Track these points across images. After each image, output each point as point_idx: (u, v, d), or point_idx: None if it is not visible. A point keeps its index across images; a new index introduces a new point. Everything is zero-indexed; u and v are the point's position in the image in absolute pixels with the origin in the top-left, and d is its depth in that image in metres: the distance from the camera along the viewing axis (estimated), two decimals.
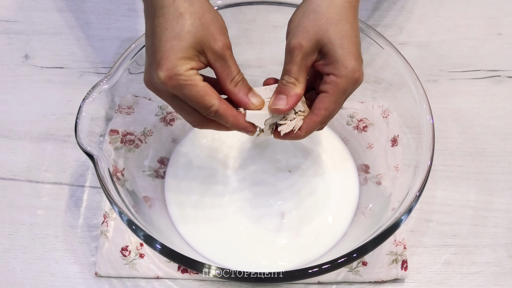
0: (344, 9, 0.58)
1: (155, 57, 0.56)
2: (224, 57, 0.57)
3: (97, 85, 0.65)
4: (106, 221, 0.72)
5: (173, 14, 0.56)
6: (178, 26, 0.56)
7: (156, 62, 0.56)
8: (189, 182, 0.74)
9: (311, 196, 0.73)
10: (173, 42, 0.55)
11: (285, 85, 0.59)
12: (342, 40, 0.57)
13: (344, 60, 0.57)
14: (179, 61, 0.55)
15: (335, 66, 0.57)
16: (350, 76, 0.57)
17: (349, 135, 0.77)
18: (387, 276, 0.68)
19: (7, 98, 0.83)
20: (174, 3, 0.56)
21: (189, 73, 0.56)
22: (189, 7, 0.56)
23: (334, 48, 0.57)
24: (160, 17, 0.56)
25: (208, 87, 0.57)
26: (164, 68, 0.55)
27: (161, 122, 0.76)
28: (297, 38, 0.58)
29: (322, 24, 0.57)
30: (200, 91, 0.56)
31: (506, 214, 0.74)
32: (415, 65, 0.73)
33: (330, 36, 0.57)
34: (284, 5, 0.72)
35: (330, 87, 0.58)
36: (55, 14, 0.90)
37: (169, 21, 0.56)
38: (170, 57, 0.55)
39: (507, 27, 0.89)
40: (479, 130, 0.80)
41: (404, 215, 0.60)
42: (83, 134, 0.63)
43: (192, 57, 0.56)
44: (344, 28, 0.57)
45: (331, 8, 0.57)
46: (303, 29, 0.57)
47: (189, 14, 0.56)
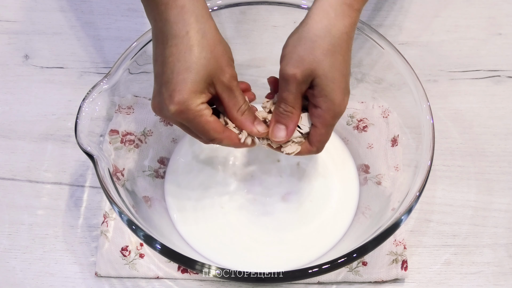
0: (340, 41, 0.58)
1: (166, 88, 0.57)
2: (231, 88, 0.59)
3: (97, 85, 0.65)
4: (106, 221, 0.72)
5: (186, 46, 0.56)
6: (191, 58, 0.56)
7: (168, 93, 0.57)
8: (189, 182, 0.74)
9: (311, 196, 0.73)
10: (185, 74, 0.56)
11: (283, 114, 0.61)
12: (334, 74, 0.58)
13: (333, 95, 0.59)
14: (190, 95, 0.57)
15: (324, 100, 0.59)
16: (337, 110, 0.60)
17: (349, 135, 0.77)
18: (387, 276, 0.68)
19: (7, 98, 0.83)
20: (188, 35, 0.57)
21: (199, 108, 0.58)
22: (201, 40, 0.57)
23: (326, 82, 0.58)
24: (173, 47, 0.57)
25: (214, 122, 0.59)
26: (176, 101, 0.57)
27: (161, 122, 0.76)
28: (292, 67, 0.58)
29: (318, 55, 0.57)
30: (207, 126, 0.59)
31: (506, 214, 0.74)
32: (415, 65, 0.73)
33: (324, 68, 0.58)
34: (284, 5, 0.72)
35: (318, 122, 0.61)
36: (55, 14, 0.90)
37: (182, 53, 0.56)
38: (182, 90, 0.56)
39: (507, 27, 0.89)
40: (479, 130, 0.80)
41: (404, 215, 0.60)
42: (83, 134, 0.63)
43: (202, 90, 0.58)
44: (337, 60, 0.58)
45: (328, 38, 0.58)
46: (298, 58, 0.58)
47: (201, 47, 0.57)
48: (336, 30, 0.58)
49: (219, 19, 0.72)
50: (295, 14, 0.73)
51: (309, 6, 0.71)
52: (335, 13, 0.58)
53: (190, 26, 0.57)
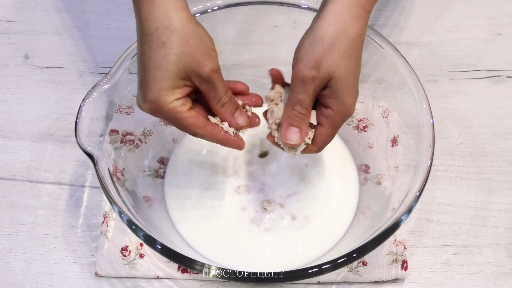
0: (355, 43, 0.58)
1: (141, 86, 0.58)
2: (210, 80, 0.58)
3: (97, 85, 0.65)
4: (106, 221, 0.72)
5: (156, 43, 0.56)
6: (160, 55, 0.56)
7: (142, 91, 0.58)
8: (189, 182, 0.74)
9: (311, 196, 0.73)
10: (156, 72, 0.56)
11: (297, 117, 0.59)
12: (348, 76, 0.58)
13: (345, 97, 0.58)
14: (161, 93, 0.57)
15: (335, 102, 0.59)
16: (347, 112, 0.59)
17: (349, 135, 0.77)
18: (387, 276, 0.68)
19: (7, 98, 0.83)
20: (157, 31, 0.56)
21: (172, 106, 0.57)
22: (171, 35, 0.56)
23: (340, 84, 0.58)
24: (145, 44, 0.57)
25: (192, 117, 0.59)
26: (148, 100, 0.57)
27: (161, 122, 0.76)
28: (311, 70, 0.57)
29: (335, 57, 0.57)
30: (184, 121, 0.58)
31: (506, 214, 0.74)
32: (415, 65, 0.74)
33: (341, 71, 0.57)
34: (284, 5, 0.72)
35: (326, 122, 0.60)
36: (55, 14, 0.90)
37: (152, 50, 0.56)
38: (153, 89, 0.56)
39: (507, 27, 0.89)
40: (479, 130, 0.80)
41: (404, 215, 0.60)
42: (83, 134, 0.63)
43: (176, 86, 0.57)
44: (352, 63, 0.58)
45: (345, 40, 0.57)
46: (317, 59, 0.57)
47: (171, 42, 0.56)
48: (351, 32, 0.57)
49: (219, 19, 0.72)
50: (295, 14, 0.73)
51: (309, 6, 0.71)
52: (349, 15, 0.57)
53: (159, 22, 0.56)
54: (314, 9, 0.71)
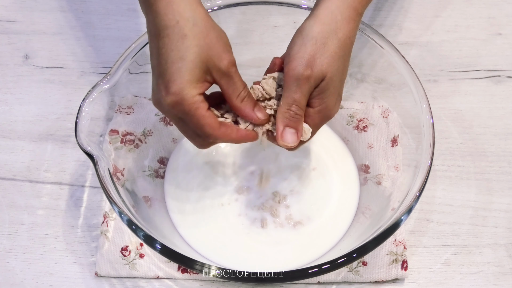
0: (345, 45, 0.58)
1: (162, 79, 0.57)
2: (229, 74, 0.58)
3: (97, 85, 0.65)
4: (106, 221, 0.72)
5: (178, 35, 0.56)
6: (183, 47, 0.56)
7: (164, 84, 0.56)
8: (189, 182, 0.74)
9: (311, 196, 0.73)
10: (179, 64, 0.56)
11: (294, 118, 0.59)
12: (336, 78, 0.58)
13: (329, 98, 0.59)
14: (186, 85, 0.56)
15: (319, 102, 0.59)
16: (328, 114, 0.60)
17: (349, 135, 0.77)
18: (387, 276, 0.68)
19: (7, 98, 0.83)
20: (178, 24, 0.56)
21: (195, 100, 0.57)
22: (193, 27, 0.56)
23: (328, 85, 0.58)
24: (165, 37, 0.56)
25: (210, 117, 0.58)
26: (172, 92, 0.56)
27: (161, 122, 0.76)
28: (306, 69, 0.57)
29: (328, 57, 0.57)
30: (202, 120, 0.57)
31: (506, 214, 0.74)
32: (415, 65, 0.74)
33: (332, 72, 0.58)
34: (284, 5, 0.72)
35: (307, 120, 0.60)
36: (55, 14, 0.90)
37: (174, 42, 0.56)
38: (177, 80, 0.56)
39: (507, 27, 0.89)
40: (479, 130, 0.80)
41: (404, 215, 0.60)
42: (83, 134, 0.63)
43: (198, 78, 0.57)
44: (342, 65, 0.58)
45: (336, 41, 0.57)
46: (311, 58, 0.57)
47: (193, 34, 0.56)
48: (342, 34, 0.58)
49: (219, 19, 0.72)
50: (295, 14, 0.73)
51: (309, 6, 0.71)
52: (341, 16, 0.58)
53: (179, 15, 0.56)
54: None
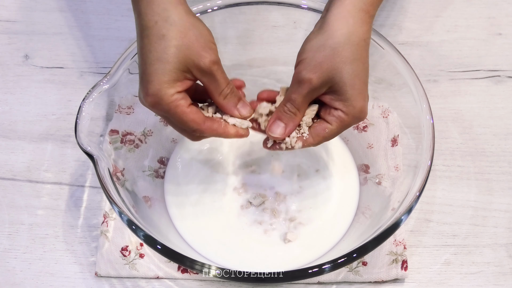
0: (360, 48, 0.58)
1: (142, 80, 0.58)
2: (211, 72, 0.58)
3: (97, 85, 0.65)
4: (106, 221, 0.72)
5: (156, 36, 0.56)
6: (161, 48, 0.56)
7: (143, 84, 0.57)
8: (189, 181, 0.74)
9: (311, 196, 0.73)
10: (156, 65, 0.56)
11: (286, 113, 0.61)
12: (354, 80, 0.58)
13: (354, 100, 0.59)
14: (162, 85, 0.57)
15: (345, 105, 0.59)
16: (357, 116, 0.60)
17: (349, 135, 0.77)
18: (387, 276, 0.68)
19: (7, 98, 0.83)
20: (157, 24, 0.56)
21: (173, 98, 0.57)
22: (170, 28, 0.56)
23: (345, 88, 0.58)
24: (145, 38, 0.57)
25: (192, 113, 0.59)
26: (150, 93, 0.57)
27: (161, 122, 0.76)
28: (309, 72, 0.58)
29: (337, 62, 0.57)
30: (184, 116, 0.58)
31: (506, 214, 0.74)
32: (415, 65, 0.74)
33: (343, 76, 0.58)
34: (284, 5, 0.72)
35: (335, 121, 0.60)
36: (55, 14, 0.90)
37: (152, 43, 0.57)
38: (154, 81, 0.56)
39: (507, 27, 0.89)
40: (479, 130, 0.80)
41: (404, 215, 0.60)
42: (83, 134, 0.63)
43: (177, 78, 0.57)
44: (358, 68, 0.58)
45: (348, 46, 0.58)
46: (317, 64, 0.58)
47: (171, 35, 0.56)
48: (355, 37, 0.58)
49: (219, 19, 0.72)
50: (295, 14, 0.73)
51: (309, 6, 0.71)
52: (353, 20, 0.58)
53: (158, 15, 0.56)
54: (314, 9, 0.71)
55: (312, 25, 0.68)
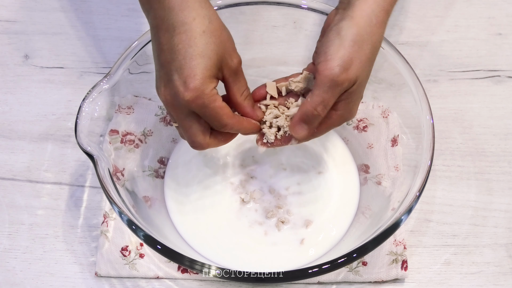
0: (376, 49, 0.59)
1: (179, 75, 0.57)
2: (237, 72, 0.60)
3: (97, 85, 0.65)
4: (106, 221, 0.72)
5: (196, 32, 0.56)
6: (202, 43, 0.56)
7: (182, 80, 0.57)
8: (189, 181, 0.74)
9: (311, 196, 0.73)
10: (199, 60, 0.56)
11: (315, 117, 0.59)
12: (364, 82, 0.60)
13: (353, 104, 0.61)
14: (205, 80, 0.57)
15: (344, 107, 0.60)
16: (347, 118, 0.62)
17: (349, 135, 0.77)
18: (387, 276, 0.68)
19: (7, 98, 0.83)
20: (195, 21, 0.57)
21: (213, 93, 0.58)
22: (209, 25, 0.57)
23: (358, 90, 0.59)
24: (182, 33, 0.56)
25: (226, 107, 0.60)
26: (192, 87, 0.56)
27: (161, 122, 0.76)
28: (343, 69, 0.56)
29: (363, 61, 0.58)
30: (220, 111, 0.59)
31: (506, 214, 0.74)
32: (415, 65, 0.74)
33: (363, 76, 0.58)
34: (284, 5, 0.72)
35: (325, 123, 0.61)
36: (55, 14, 0.90)
37: (192, 39, 0.56)
38: (197, 75, 0.56)
39: (507, 27, 0.89)
40: (479, 130, 0.80)
41: (404, 215, 0.60)
42: (83, 134, 0.63)
43: (215, 75, 0.58)
44: (370, 69, 0.60)
45: (370, 45, 0.58)
46: (348, 60, 0.56)
47: (210, 32, 0.57)
48: (375, 38, 0.58)
49: None
50: (295, 14, 0.73)
51: (309, 6, 0.71)
52: (376, 20, 0.58)
53: (196, 12, 0.57)
54: (314, 9, 0.71)
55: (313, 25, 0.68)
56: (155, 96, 0.60)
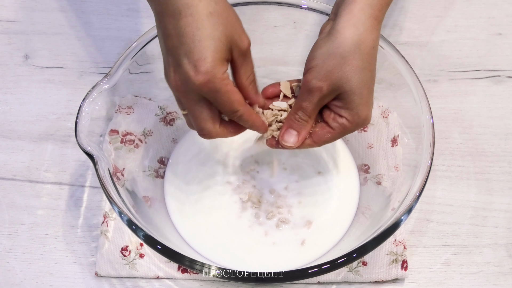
0: (369, 56, 0.58)
1: (189, 58, 0.55)
2: (246, 54, 0.59)
3: (97, 85, 0.65)
4: (106, 221, 0.72)
5: (203, 13, 0.55)
6: (210, 25, 0.55)
7: (192, 63, 0.55)
8: (189, 182, 0.74)
9: (311, 196, 0.73)
10: (208, 42, 0.55)
11: (298, 121, 0.62)
12: (362, 89, 0.59)
13: (360, 109, 0.59)
14: (216, 63, 0.55)
15: (350, 113, 0.60)
16: (361, 124, 0.61)
17: (349, 135, 0.77)
18: (387, 276, 0.68)
19: (7, 98, 0.83)
20: (201, 3, 0.55)
21: (225, 76, 0.56)
22: (216, 6, 0.56)
23: (353, 97, 0.59)
24: (188, 16, 0.55)
25: (238, 93, 0.59)
26: (203, 70, 0.55)
27: (161, 122, 0.76)
28: (319, 81, 0.58)
29: (347, 71, 0.57)
30: (232, 96, 0.57)
31: (506, 214, 0.74)
32: (415, 65, 0.74)
33: (352, 85, 0.58)
34: (284, 5, 0.72)
35: (338, 127, 0.61)
36: (55, 14, 0.90)
37: (200, 21, 0.55)
38: (208, 58, 0.55)
39: (507, 27, 0.89)
40: (479, 130, 0.80)
41: (404, 215, 0.60)
42: (83, 134, 0.63)
43: (226, 57, 0.57)
44: (366, 77, 0.59)
45: (358, 55, 0.57)
46: (326, 72, 0.58)
47: (217, 13, 0.55)
48: (365, 46, 0.58)
49: None
50: (295, 14, 0.73)
51: (309, 6, 0.71)
52: (363, 28, 0.58)
53: None
54: (314, 9, 0.71)
55: (313, 25, 0.68)
56: (155, 96, 0.60)
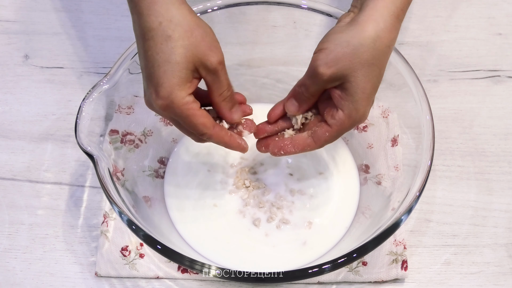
0: (382, 54, 0.58)
1: (151, 83, 0.57)
2: (216, 72, 0.58)
3: (97, 85, 0.65)
4: (106, 221, 0.72)
5: (162, 37, 0.56)
6: (168, 49, 0.56)
7: (153, 87, 0.57)
8: (189, 181, 0.74)
9: (311, 196, 0.73)
10: (165, 67, 0.56)
11: (299, 94, 0.62)
12: (367, 84, 0.58)
13: (359, 103, 0.59)
14: (174, 88, 0.56)
15: (348, 105, 0.59)
16: (357, 119, 0.60)
17: (349, 135, 0.77)
18: (387, 276, 0.68)
19: (7, 98, 0.83)
20: (161, 25, 0.56)
21: (185, 101, 0.57)
22: (176, 28, 0.56)
23: (356, 89, 0.58)
24: (150, 40, 0.56)
25: (203, 116, 0.59)
26: (161, 96, 0.56)
27: (161, 122, 0.76)
28: (325, 63, 0.58)
29: (355, 63, 0.57)
30: (194, 120, 0.58)
31: (506, 214, 0.74)
32: (415, 65, 0.73)
33: (358, 77, 0.58)
34: (284, 5, 0.72)
35: (335, 124, 0.60)
36: (55, 14, 0.90)
37: (158, 45, 0.56)
38: (165, 83, 0.56)
39: (507, 27, 0.89)
40: (479, 130, 0.80)
41: (404, 215, 0.60)
42: (83, 134, 0.63)
43: (186, 79, 0.57)
44: (373, 72, 0.58)
45: (371, 50, 0.57)
46: (335, 58, 0.57)
47: (177, 35, 0.56)
48: (380, 43, 0.57)
49: (219, 19, 0.72)
50: (295, 14, 0.73)
51: (309, 6, 0.71)
52: (384, 25, 0.57)
53: (162, 16, 0.56)
54: (314, 9, 0.71)
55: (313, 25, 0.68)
56: None
